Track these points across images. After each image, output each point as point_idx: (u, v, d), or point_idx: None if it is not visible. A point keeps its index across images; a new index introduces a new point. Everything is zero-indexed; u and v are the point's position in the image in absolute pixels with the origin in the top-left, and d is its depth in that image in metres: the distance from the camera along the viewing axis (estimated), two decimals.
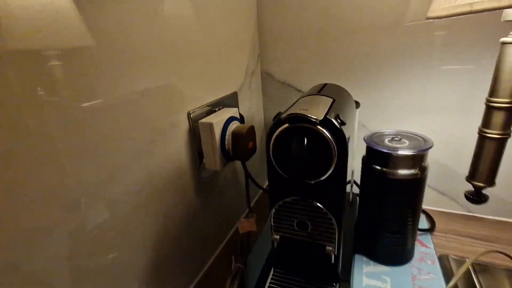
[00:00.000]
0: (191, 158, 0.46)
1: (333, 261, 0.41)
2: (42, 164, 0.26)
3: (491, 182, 0.37)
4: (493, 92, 0.33)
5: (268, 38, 0.68)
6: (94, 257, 0.32)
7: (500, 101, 0.33)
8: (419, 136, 0.47)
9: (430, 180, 0.63)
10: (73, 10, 0.28)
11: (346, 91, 0.49)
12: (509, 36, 0.31)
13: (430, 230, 0.58)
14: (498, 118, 0.33)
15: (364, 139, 0.48)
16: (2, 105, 0.23)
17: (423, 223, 0.60)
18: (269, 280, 0.44)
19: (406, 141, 0.46)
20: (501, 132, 0.34)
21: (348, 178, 0.52)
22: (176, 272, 0.46)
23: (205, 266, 0.54)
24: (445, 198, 0.63)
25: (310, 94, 0.43)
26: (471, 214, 0.62)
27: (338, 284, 0.42)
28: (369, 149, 0.47)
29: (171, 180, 0.43)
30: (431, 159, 0.45)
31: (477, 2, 0.26)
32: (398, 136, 0.47)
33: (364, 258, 0.52)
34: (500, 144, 0.35)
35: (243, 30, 0.62)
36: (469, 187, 0.43)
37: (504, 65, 0.32)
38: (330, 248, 0.39)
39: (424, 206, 0.65)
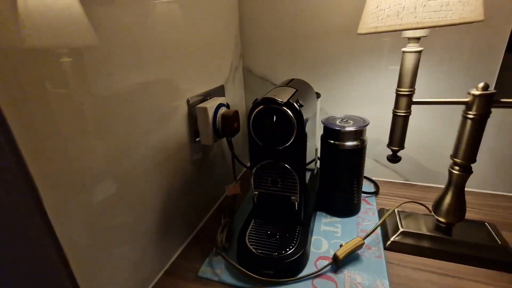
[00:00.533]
0: (189, 135, 0.59)
1: (296, 208, 0.55)
2: (76, 141, 0.36)
3: (401, 146, 0.54)
4: (399, 84, 0.49)
5: (248, 40, 0.82)
6: (114, 217, 0.42)
7: (403, 90, 0.49)
8: (360, 118, 0.63)
9: (378, 156, 0.80)
10: (84, 17, 0.35)
11: (308, 84, 0.64)
12: (406, 47, 0.47)
13: (375, 193, 0.75)
14: (403, 101, 0.50)
15: (321, 121, 0.63)
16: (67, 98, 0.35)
17: (370, 188, 0.77)
18: (250, 228, 0.58)
19: (351, 121, 0.62)
20: (405, 111, 0.50)
21: (313, 156, 0.67)
22: (178, 227, 0.59)
23: (201, 223, 0.67)
24: (388, 170, 0.80)
25: (279, 86, 0.57)
26: (407, 182, 0.79)
27: (300, 226, 0.57)
28: (325, 128, 0.63)
29: (173, 153, 0.56)
30: (378, 139, 0.60)
31: (380, 26, 0.41)
32: (346, 118, 0.63)
33: (323, 214, 0.68)
34: (406, 119, 0.51)
35: (228, 33, 0.75)
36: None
37: (404, 66, 0.47)
38: (294, 197, 0.54)
39: (373, 177, 0.82)
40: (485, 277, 0.48)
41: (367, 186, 0.78)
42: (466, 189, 0.51)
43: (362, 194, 0.73)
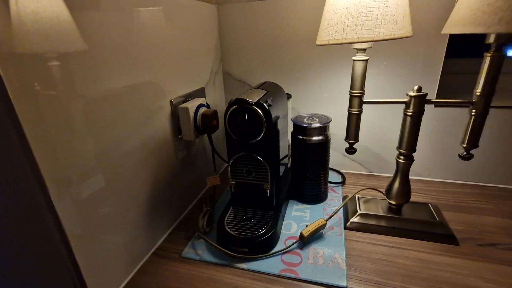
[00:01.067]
0: (173, 132, 0.66)
1: (269, 195, 0.63)
2: (72, 138, 0.44)
3: (356, 139, 0.63)
4: (351, 87, 0.58)
5: (228, 46, 0.89)
6: (103, 207, 0.48)
7: (355, 91, 0.58)
8: (324, 116, 0.72)
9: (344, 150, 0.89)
10: (73, 24, 0.40)
11: (279, 86, 0.72)
12: (356, 56, 0.56)
13: (342, 183, 0.84)
14: (355, 101, 0.59)
15: (291, 119, 0.72)
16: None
17: (338, 179, 0.86)
18: (228, 213, 0.66)
19: (317, 119, 0.71)
20: (357, 109, 0.59)
21: (287, 152, 0.76)
22: (163, 215, 0.65)
23: (185, 211, 0.74)
24: (354, 163, 0.90)
25: (253, 88, 0.65)
26: (370, 173, 0.89)
27: (272, 211, 0.65)
28: (295, 125, 0.71)
29: (158, 148, 0.62)
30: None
31: (330, 39, 0.50)
32: (312, 116, 0.72)
33: (295, 202, 0.76)
34: (358, 116, 0.60)
35: (208, 40, 0.82)
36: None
37: (354, 72, 0.56)
38: (266, 185, 0.62)
39: (341, 170, 0.91)
40: (424, 247, 0.58)
41: (335, 177, 0.87)
42: (418, 177, 0.61)
43: (330, 184, 0.83)
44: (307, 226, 0.61)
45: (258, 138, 0.57)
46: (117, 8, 0.48)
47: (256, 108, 0.54)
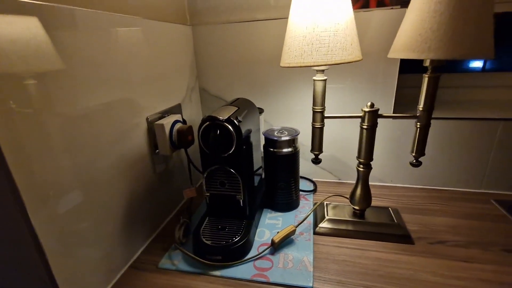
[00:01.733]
0: (149, 147, 0.69)
1: (242, 205, 0.67)
2: (42, 158, 0.47)
3: (320, 150, 0.69)
4: (313, 103, 0.64)
5: (203, 64, 0.94)
6: (80, 222, 0.50)
7: (317, 108, 0.64)
8: (293, 129, 0.77)
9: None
10: (50, 44, 0.42)
11: (251, 102, 0.77)
12: (316, 76, 0.62)
13: (313, 191, 0.90)
14: (317, 116, 0.65)
15: (262, 133, 0.77)
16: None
17: (310, 187, 0.92)
18: (204, 224, 0.69)
19: (286, 132, 0.76)
20: (319, 123, 0.65)
21: (260, 163, 0.80)
22: (141, 228, 0.67)
23: (163, 224, 0.76)
24: (325, 172, 0.96)
25: (225, 104, 0.70)
26: (340, 180, 0.96)
27: (246, 220, 0.69)
28: (266, 139, 0.76)
29: (135, 163, 0.65)
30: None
31: (291, 62, 0.56)
32: (282, 130, 0.77)
33: (269, 210, 0.81)
34: (321, 130, 0.66)
35: (184, 58, 0.86)
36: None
37: (315, 90, 0.63)
38: (239, 196, 0.66)
39: (313, 178, 0.97)
40: (383, 247, 0.64)
41: (307, 186, 0.93)
42: (381, 183, 0.67)
43: (302, 192, 0.88)
44: (278, 232, 0.66)
45: (230, 152, 0.61)
46: (95, 27, 0.51)
47: (226, 124, 0.59)
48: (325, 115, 0.65)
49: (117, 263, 0.60)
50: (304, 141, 0.93)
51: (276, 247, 0.64)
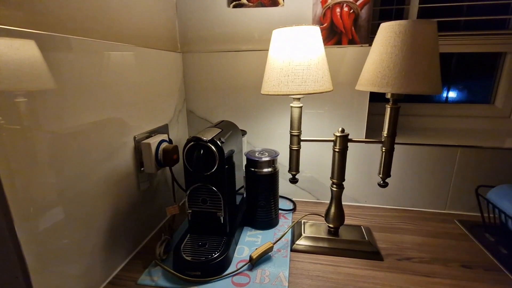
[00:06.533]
0: (135, 164, 0.72)
1: (222, 222, 0.70)
2: (32, 172, 0.50)
3: (297, 171, 0.74)
4: (291, 127, 0.70)
5: (191, 87, 1.00)
6: (61, 239, 0.52)
7: (294, 131, 0.70)
8: (273, 150, 0.83)
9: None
10: (44, 64, 0.44)
11: (234, 124, 0.83)
12: (292, 103, 0.69)
13: (293, 210, 0.94)
14: (294, 139, 0.71)
15: (244, 154, 0.82)
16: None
17: (290, 206, 0.96)
18: (185, 240, 0.71)
19: (266, 153, 0.81)
20: (296, 146, 0.71)
21: (242, 183, 0.84)
22: (122, 245, 0.68)
23: (144, 241, 0.77)
24: (304, 192, 1.01)
25: (210, 126, 0.75)
26: (318, 200, 1.00)
27: (226, 237, 0.72)
28: (248, 159, 0.81)
29: (121, 180, 0.67)
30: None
31: (270, 91, 0.63)
32: (263, 151, 0.83)
33: (249, 228, 0.84)
34: (298, 152, 0.72)
35: (173, 81, 0.92)
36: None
37: (292, 116, 0.69)
38: (220, 213, 0.69)
39: (293, 198, 1.01)
40: (354, 264, 0.68)
41: (287, 205, 0.97)
42: (356, 203, 0.72)
43: (281, 211, 0.92)
44: (256, 249, 0.69)
45: (212, 171, 0.65)
46: (89, 50, 0.55)
47: (210, 144, 0.64)
48: (301, 138, 0.71)
49: (97, 280, 0.61)
50: (284, 162, 0.99)
51: (254, 263, 0.67)
